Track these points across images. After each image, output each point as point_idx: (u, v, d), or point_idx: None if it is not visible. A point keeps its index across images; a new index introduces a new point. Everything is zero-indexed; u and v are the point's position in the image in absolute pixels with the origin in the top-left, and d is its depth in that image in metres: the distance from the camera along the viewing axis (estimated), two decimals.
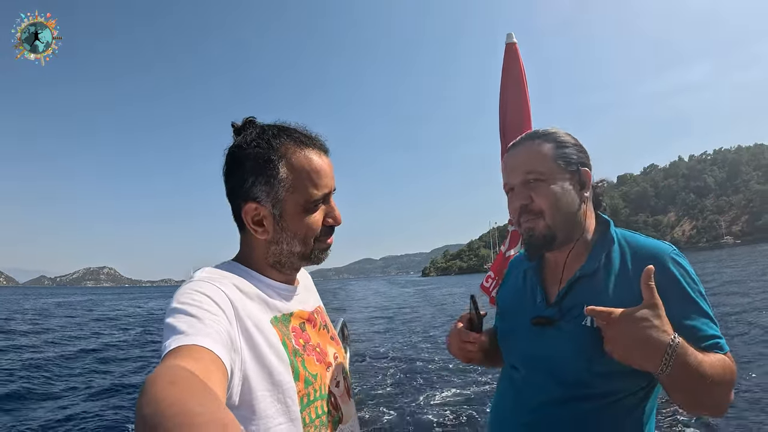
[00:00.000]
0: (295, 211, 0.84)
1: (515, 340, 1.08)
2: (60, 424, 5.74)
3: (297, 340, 0.85)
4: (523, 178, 1.00)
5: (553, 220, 0.97)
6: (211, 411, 0.43)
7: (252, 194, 0.83)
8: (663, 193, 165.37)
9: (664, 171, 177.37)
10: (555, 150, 1.00)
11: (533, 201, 0.98)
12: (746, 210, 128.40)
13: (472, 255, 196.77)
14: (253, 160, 0.82)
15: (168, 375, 0.50)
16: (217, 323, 0.67)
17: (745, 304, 11.39)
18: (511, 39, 2.96)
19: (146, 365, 9.48)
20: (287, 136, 0.85)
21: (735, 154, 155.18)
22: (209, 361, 0.60)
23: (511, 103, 2.91)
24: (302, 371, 0.81)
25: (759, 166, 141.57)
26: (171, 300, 0.71)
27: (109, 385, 7.68)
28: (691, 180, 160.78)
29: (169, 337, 0.62)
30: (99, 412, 6.19)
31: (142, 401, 0.45)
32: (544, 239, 0.99)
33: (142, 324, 18.49)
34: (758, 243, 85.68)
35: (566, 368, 0.95)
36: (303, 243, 0.86)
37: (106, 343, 12.73)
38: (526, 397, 1.00)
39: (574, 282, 0.98)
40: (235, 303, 0.75)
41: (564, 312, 0.98)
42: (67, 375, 8.53)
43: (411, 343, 10.41)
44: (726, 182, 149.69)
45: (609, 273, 0.96)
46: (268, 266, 0.88)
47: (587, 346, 0.91)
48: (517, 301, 1.13)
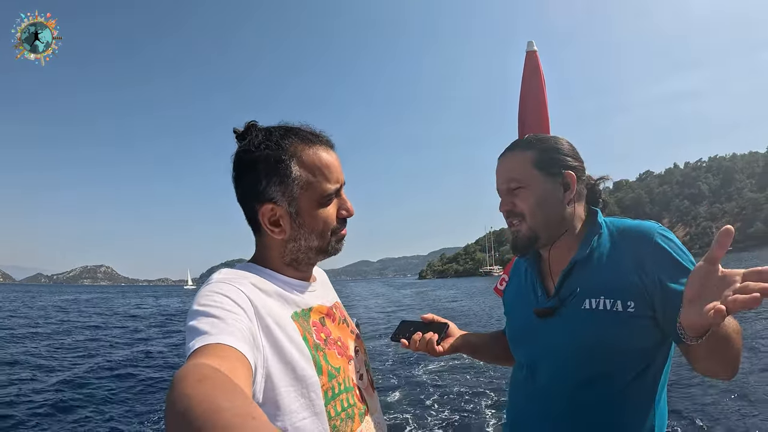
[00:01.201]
0: (310, 206, 0.86)
1: (523, 335, 1.13)
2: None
3: (318, 335, 0.86)
4: (507, 185, 1.07)
5: (535, 222, 1.04)
6: (239, 406, 0.44)
7: (267, 195, 0.84)
8: (657, 199, 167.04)
9: (659, 177, 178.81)
10: (536, 157, 1.06)
11: (516, 206, 1.06)
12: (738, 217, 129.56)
13: (468, 258, 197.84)
14: (264, 162, 0.83)
15: (195, 372, 0.51)
16: (239, 322, 0.69)
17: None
18: (532, 47, 2.92)
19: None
20: (294, 135, 0.86)
21: (730, 161, 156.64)
22: (234, 359, 0.61)
23: (530, 112, 2.90)
24: (325, 365, 0.82)
25: (753, 174, 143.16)
26: (192, 303, 0.72)
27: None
28: (686, 187, 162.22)
29: (192, 338, 0.63)
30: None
31: (172, 398, 0.46)
32: (528, 240, 1.06)
33: (163, 322, 18.92)
34: (748, 250, 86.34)
35: (573, 353, 0.98)
36: (320, 237, 0.88)
37: (153, 340, 12.97)
38: (539, 388, 1.04)
39: (569, 270, 1.04)
40: (255, 301, 0.76)
41: (563, 300, 1.02)
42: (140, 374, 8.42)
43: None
44: (720, 189, 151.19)
45: (600, 256, 1.01)
46: (284, 265, 0.90)
47: (590, 328, 0.96)
48: (520, 298, 1.18)
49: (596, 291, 0.97)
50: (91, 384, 7.56)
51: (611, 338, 0.92)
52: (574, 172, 1.06)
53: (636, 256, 0.96)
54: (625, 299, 0.94)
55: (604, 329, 0.93)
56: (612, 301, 0.95)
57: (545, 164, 1.05)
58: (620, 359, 0.94)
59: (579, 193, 1.08)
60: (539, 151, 1.07)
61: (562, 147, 1.08)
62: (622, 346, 0.92)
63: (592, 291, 0.98)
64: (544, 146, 1.07)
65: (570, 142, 1.12)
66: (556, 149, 1.07)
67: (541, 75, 2.91)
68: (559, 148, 1.08)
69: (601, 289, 0.97)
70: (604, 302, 0.95)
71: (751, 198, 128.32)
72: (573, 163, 1.07)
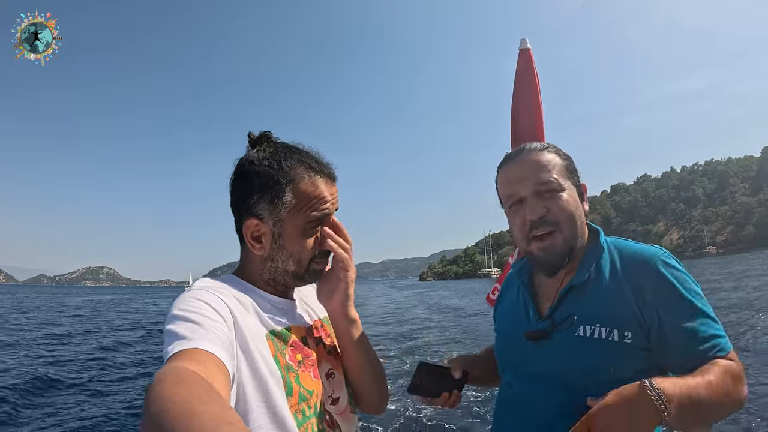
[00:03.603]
0: (293, 232, 0.86)
1: (512, 356, 1.08)
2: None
3: (293, 356, 0.85)
4: (535, 188, 0.96)
5: (571, 232, 0.96)
6: (215, 410, 0.43)
7: (255, 210, 0.85)
8: (654, 203, 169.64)
9: (655, 181, 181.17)
10: (562, 161, 1.00)
11: (550, 212, 0.96)
12: (731, 221, 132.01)
13: (467, 261, 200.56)
14: (261, 178, 0.84)
15: (173, 375, 0.51)
16: (218, 329, 0.69)
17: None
18: (525, 45, 2.86)
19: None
20: (299, 159, 0.87)
21: (725, 165, 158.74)
22: (212, 364, 0.61)
23: (523, 110, 2.82)
24: (296, 386, 0.81)
25: (746, 178, 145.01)
26: (171, 308, 0.71)
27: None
28: (682, 190, 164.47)
29: (171, 342, 0.63)
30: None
31: (148, 400, 0.46)
32: (562, 255, 0.97)
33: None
34: (740, 252, 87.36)
35: (564, 379, 0.93)
36: (297, 263, 0.88)
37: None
38: (527, 412, 0.98)
39: (566, 293, 0.98)
40: (235, 313, 0.77)
41: (557, 323, 0.97)
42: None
43: (416, 343, 11.51)
44: (714, 193, 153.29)
45: (600, 281, 0.95)
46: (263, 282, 0.90)
47: (582, 355, 0.91)
48: (512, 315, 1.12)
49: (593, 318, 0.92)
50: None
51: (606, 368, 0.88)
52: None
53: (636, 284, 0.91)
54: (622, 329, 0.89)
55: (599, 358, 0.89)
56: (608, 330, 0.90)
57: (572, 172, 1.00)
58: (613, 387, 0.83)
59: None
60: (563, 156, 1.01)
61: (570, 158, 1.03)
62: (616, 377, 0.86)
63: (589, 318, 0.93)
64: (564, 153, 1.02)
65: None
66: (571, 159, 1.02)
67: (534, 73, 2.84)
68: (570, 157, 1.02)
69: (597, 317, 0.92)
70: (600, 330, 0.90)
71: (743, 202, 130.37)
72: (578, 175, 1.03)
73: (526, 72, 2.84)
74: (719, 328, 0.87)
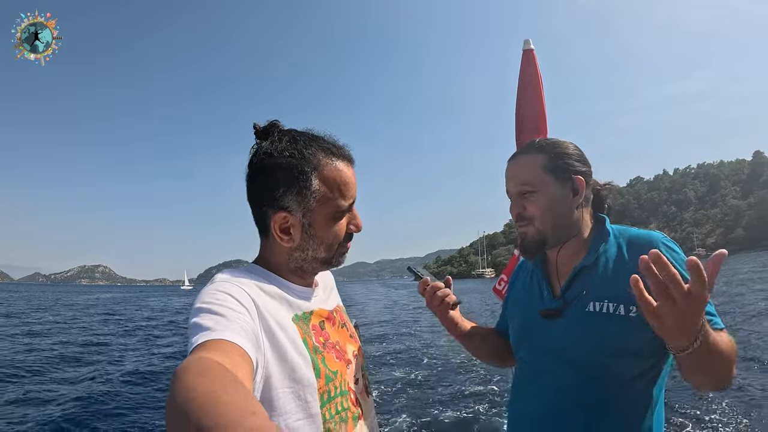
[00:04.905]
0: (323, 220, 0.87)
1: (528, 334, 1.15)
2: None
3: (317, 338, 0.87)
4: (517, 189, 1.10)
5: (543, 226, 1.08)
6: (239, 400, 0.44)
7: (282, 203, 0.84)
8: (646, 205, 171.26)
9: (648, 183, 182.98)
10: (548, 161, 1.08)
11: (526, 210, 1.09)
12: (721, 223, 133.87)
13: (462, 261, 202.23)
14: (285, 170, 0.82)
15: (198, 366, 0.52)
16: (241, 320, 0.69)
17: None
18: (529, 45, 2.86)
19: None
20: (318, 146, 0.86)
21: (717, 169, 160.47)
22: (236, 354, 0.61)
23: (527, 111, 2.86)
24: (323, 368, 0.83)
25: (738, 182, 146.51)
26: (195, 301, 0.72)
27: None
28: (674, 193, 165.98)
29: (195, 333, 0.64)
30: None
31: (173, 391, 0.47)
32: (535, 243, 1.09)
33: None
34: (730, 255, 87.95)
35: (576, 353, 1.01)
36: (328, 249, 0.90)
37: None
38: (541, 386, 1.07)
39: (576, 273, 1.07)
40: (258, 302, 0.77)
41: (569, 301, 1.05)
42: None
43: (416, 340, 11.66)
44: (705, 196, 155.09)
45: (607, 262, 1.05)
46: (288, 271, 0.91)
47: (593, 329, 0.99)
48: (526, 297, 1.21)
49: (601, 295, 1.01)
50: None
51: (614, 340, 0.96)
52: (582, 177, 1.09)
53: (638, 263, 0.96)
54: (627, 304, 0.97)
55: (608, 331, 0.97)
56: (615, 305, 0.98)
57: (556, 168, 1.08)
58: (622, 361, 0.96)
59: (586, 198, 1.11)
60: (550, 155, 1.09)
61: (572, 151, 1.11)
62: (624, 348, 0.96)
63: (597, 295, 1.02)
64: (554, 150, 1.10)
65: (578, 146, 1.14)
66: (566, 154, 1.10)
67: (538, 74, 2.86)
68: (569, 152, 1.10)
69: (605, 294, 1.01)
70: (608, 306, 0.99)
71: (733, 205, 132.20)
72: (581, 168, 1.10)
73: (529, 73, 2.88)
74: (711, 307, 0.93)
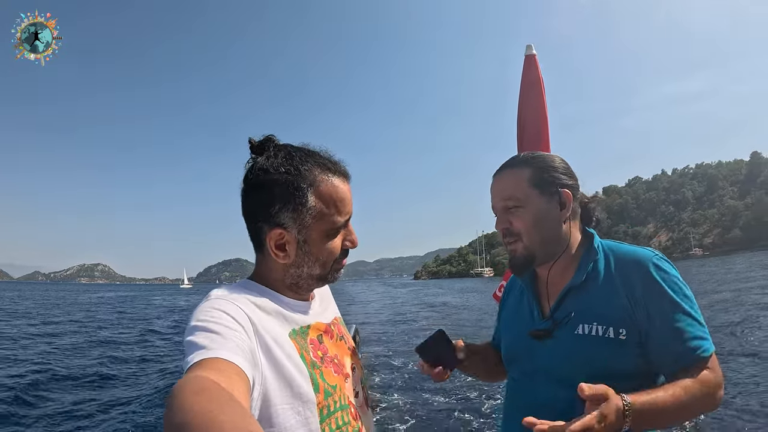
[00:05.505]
0: (319, 237, 0.86)
1: (517, 353, 1.15)
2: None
3: (315, 353, 0.86)
4: (503, 204, 1.08)
5: (531, 241, 1.05)
6: (237, 419, 0.44)
7: (278, 220, 0.83)
8: (644, 205, 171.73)
9: (646, 184, 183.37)
10: (533, 175, 1.06)
11: (512, 225, 1.07)
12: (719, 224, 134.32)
13: (461, 260, 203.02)
14: (281, 186, 0.82)
15: (194, 385, 0.51)
16: (237, 338, 0.69)
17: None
18: (531, 51, 2.88)
19: None
20: (314, 162, 0.85)
21: (715, 169, 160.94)
22: (232, 373, 0.61)
23: (529, 116, 2.88)
24: (321, 383, 0.82)
25: (735, 182, 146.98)
26: (190, 319, 0.71)
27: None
28: (672, 193, 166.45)
29: (191, 352, 0.63)
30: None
31: (169, 410, 0.46)
32: (524, 259, 1.07)
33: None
34: (726, 255, 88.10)
35: (565, 373, 1.00)
36: (323, 266, 0.89)
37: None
38: (531, 405, 1.05)
39: (565, 294, 1.05)
40: (254, 319, 0.76)
41: (558, 323, 1.04)
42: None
43: (414, 337, 11.77)
44: (703, 196, 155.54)
45: (596, 282, 1.03)
46: (284, 287, 0.90)
47: (582, 352, 0.99)
48: (517, 315, 1.20)
49: (590, 317, 1.00)
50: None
51: (603, 362, 0.96)
52: (569, 190, 1.07)
53: (628, 284, 0.98)
54: (617, 326, 0.96)
55: (597, 354, 0.96)
56: (604, 327, 0.97)
57: (541, 182, 1.06)
58: (611, 382, 0.90)
59: (573, 212, 1.09)
60: (535, 169, 1.08)
61: (558, 165, 1.09)
62: (613, 370, 0.95)
63: (586, 316, 1.00)
64: (539, 164, 1.08)
65: (564, 159, 1.12)
66: (552, 167, 1.08)
67: (540, 79, 2.88)
68: (555, 165, 1.09)
69: (594, 316, 0.99)
70: (597, 328, 0.97)
71: (731, 205, 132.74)
72: (568, 181, 1.08)
73: (531, 78, 2.91)
74: (704, 330, 0.93)
